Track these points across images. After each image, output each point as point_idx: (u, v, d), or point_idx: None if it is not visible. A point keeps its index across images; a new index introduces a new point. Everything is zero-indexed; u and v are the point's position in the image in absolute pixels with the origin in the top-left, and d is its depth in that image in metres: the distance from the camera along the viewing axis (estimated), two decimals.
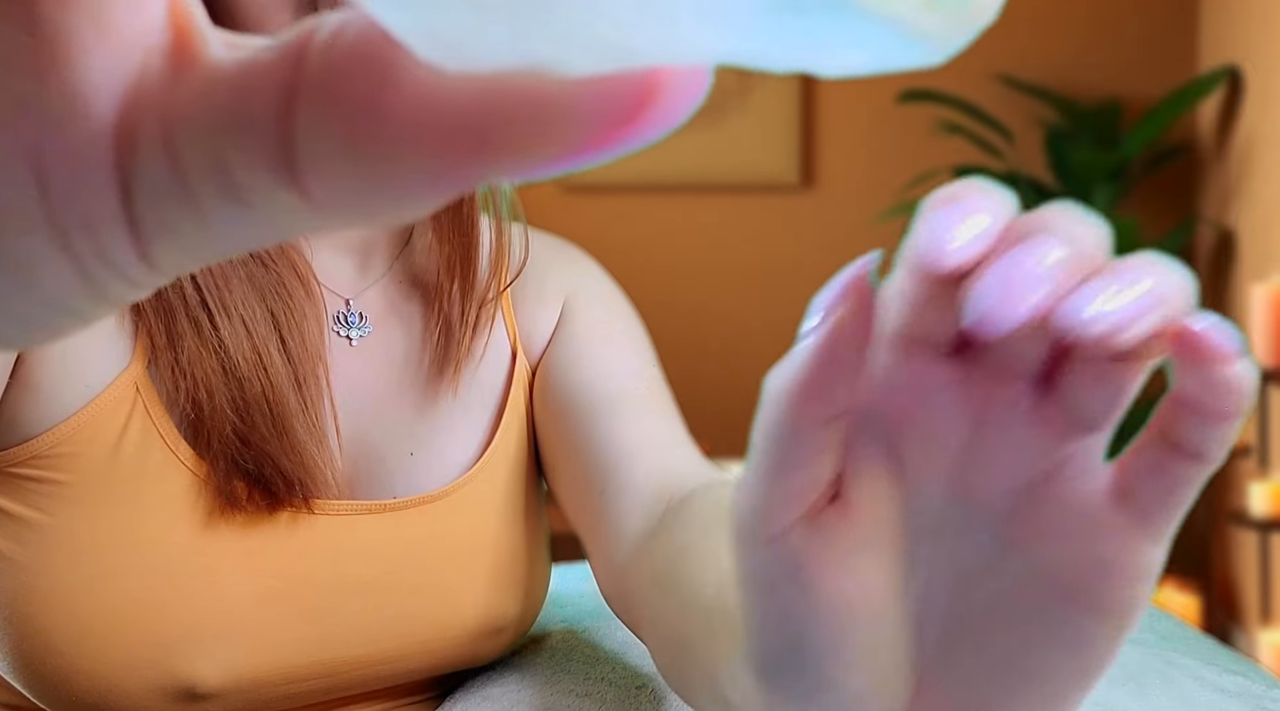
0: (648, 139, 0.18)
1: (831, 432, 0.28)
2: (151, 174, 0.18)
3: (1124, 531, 0.28)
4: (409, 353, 0.71)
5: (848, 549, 0.29)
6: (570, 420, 0.70)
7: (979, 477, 0.29)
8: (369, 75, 0.17)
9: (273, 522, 0.65)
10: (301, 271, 0.67)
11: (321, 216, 0.18)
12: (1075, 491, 0.28)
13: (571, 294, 0.76)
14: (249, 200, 0.18)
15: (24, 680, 0.62)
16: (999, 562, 0.29)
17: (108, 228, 0.19)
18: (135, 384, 0.63)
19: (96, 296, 0.20)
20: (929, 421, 0.29)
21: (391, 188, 0.17)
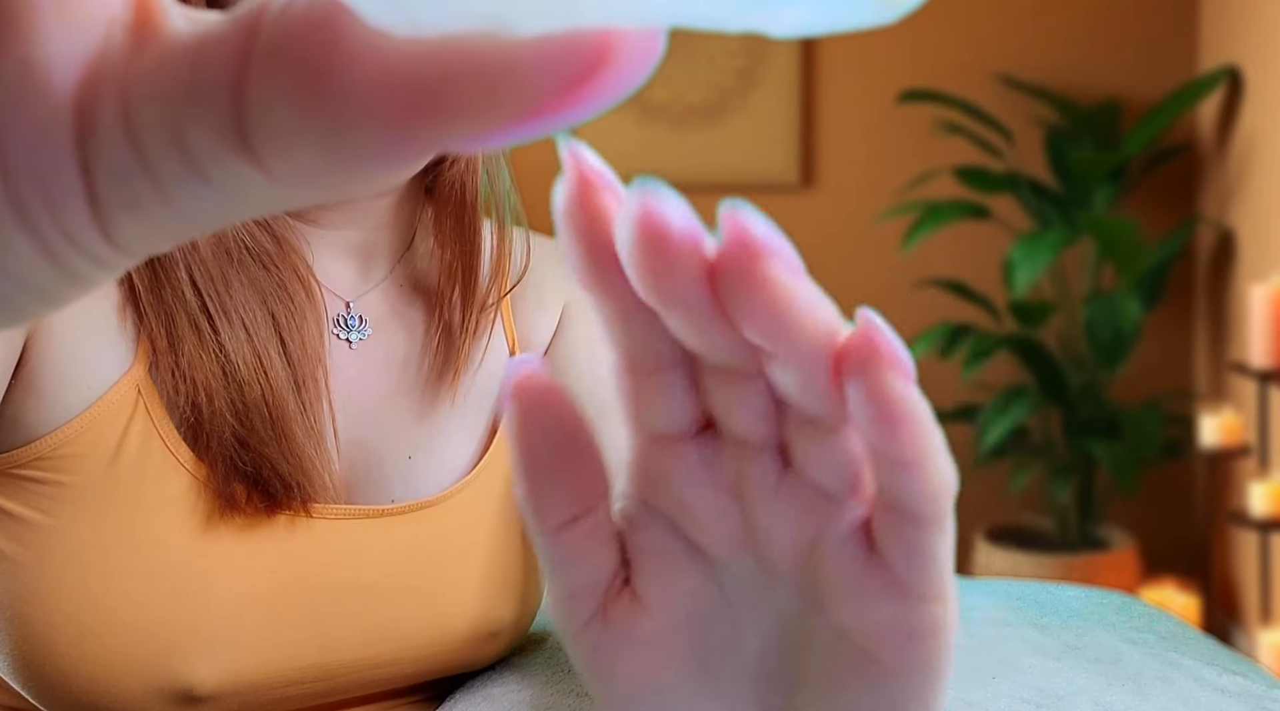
0: (600, 104, 0.17)
1: (581, 534, 0.28)
2: (111, 149, 0.18)
3: (885, 594, 0.27)
4: (409, 356, 0.71)
5: (641, 641, 0.29)
6: None
7: (765, 546, 0.28)
8: (319, 41, 0.16)
9: (271, 526, 0.64)
10: (302, 274, 0.67)
11: (281, 190, 0.18)
12: (836, 558, 0.27)
13: (571, 299, 0.76)
14: (208, 175, 0.18)
15: (23, 680, 0.62)
16: (810, 626, 0.29)
17: (69, 205, 0.19)
18: (137, 386, 0.63)
19: (65, 276, 0.20)
20: (697, 503, 0.28)
21: (346, 156, 0.17)
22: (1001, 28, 3.14)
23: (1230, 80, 2.86)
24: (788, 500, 0.27)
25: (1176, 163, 3.08)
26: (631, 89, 0.18)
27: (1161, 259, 2.87)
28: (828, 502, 0.27)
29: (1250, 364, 2.51)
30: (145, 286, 0.63)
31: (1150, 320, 2.99)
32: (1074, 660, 0.75)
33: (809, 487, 0.27)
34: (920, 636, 0.27)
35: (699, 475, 0.28)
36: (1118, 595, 0.91)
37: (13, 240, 0.19)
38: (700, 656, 0.29)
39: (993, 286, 2.98)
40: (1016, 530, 2.95)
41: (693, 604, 0.29)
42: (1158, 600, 2.67)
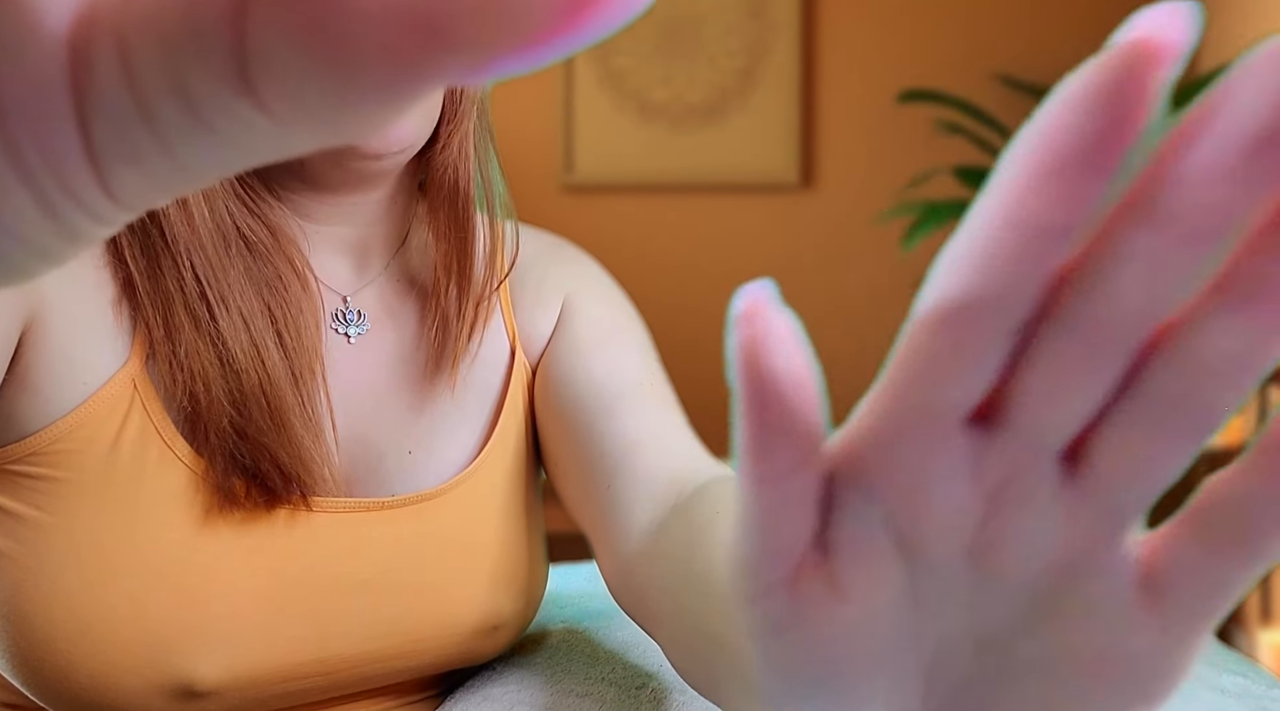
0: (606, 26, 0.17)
1: (793, 491, 0.24)
2: (109, 95, 0.18)
3: (1150, 632, 0.25)
4: (407, 350, 0.71)
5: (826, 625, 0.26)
6: (574, 418, 0.70)
7: (996, 557, 0.26)
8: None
9: (270, 520, 0.65)
10: (298, 267, 0.67)
11: (284, 133, 0.18)
12: (1099, 585, 0.25)
13: (571, 293, 0.76)
14: (208, 118, 0.17)
15: (23, 677, 0.62)
16: (1018, 637, 0.27)
17: (67, 155, 0.18)
18: (133, 381, 0.63)
19: (63, 232, 0.19)
20: (937, 499, 0.25)
21: (350, 93, 0.17)
22: (1001, 28, 3.14)
23: None
24: (1065, 510, 0.25)
25: None
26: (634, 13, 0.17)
27: None
28: (1106, 523, 0.24)
29: None
30: (143, 273, 0.63)
31: None
32: None
33: (1098, 501, 0.24)
34: (1169, 673, 0.26)
35: (959, 468, 0.24)
36: None
37: (10, 194, 0.19)
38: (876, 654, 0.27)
39: None
40: None
41: (888, 602, 0.26)
42: None
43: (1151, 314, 0.21)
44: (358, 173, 0.66)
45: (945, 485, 0.24)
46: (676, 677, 0.69)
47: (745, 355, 0.23)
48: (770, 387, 0.23)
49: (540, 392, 0.74)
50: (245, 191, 0.66)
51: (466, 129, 0.70)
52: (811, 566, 0.26)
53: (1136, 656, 0.25)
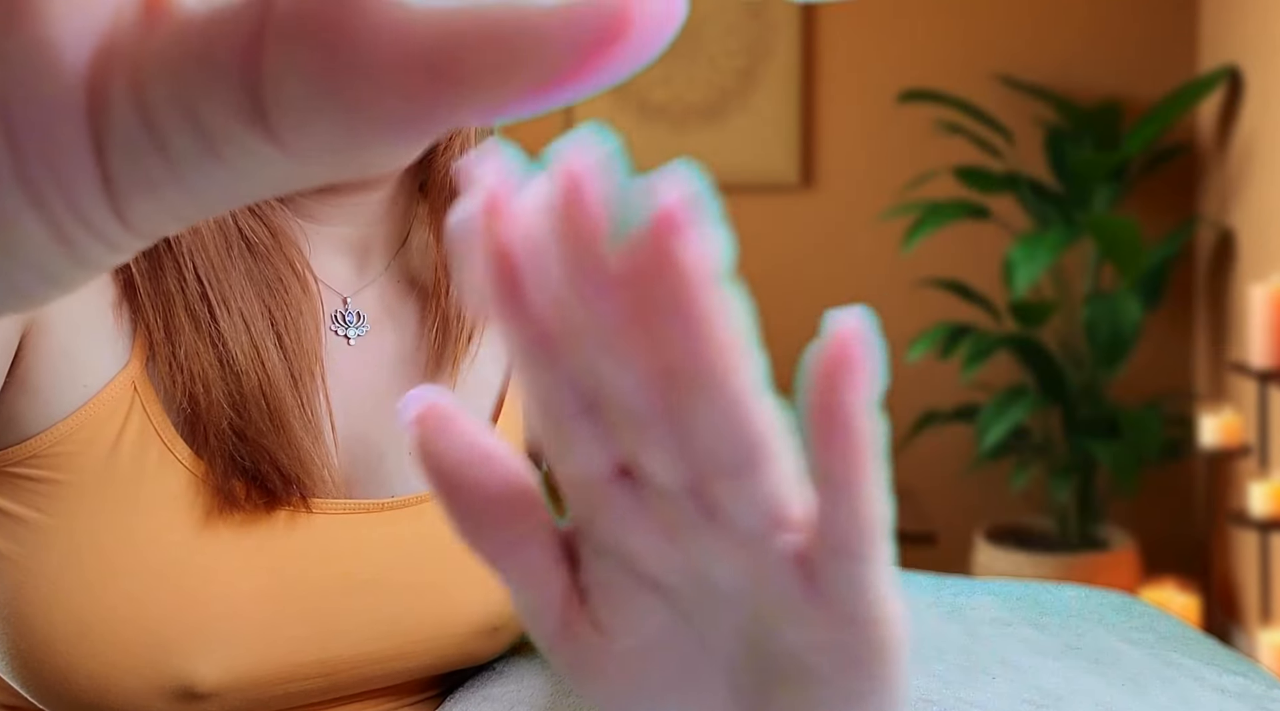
0: (619, 72, 0.17)
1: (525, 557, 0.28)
2: (124, 128, 0.18)
3: (826, 621, 0.27)
4: (407, 351, 0.71)
5: (611, 658, 0.29)
6: None
7: (701, 579, 0.28)
8: (335, 12, 0.16)
9: (270, 522, 0.64)
10: (299, 268, 0.67)
11: (296, 166, 0.18)
12: (776, 587, 0.27)
13: None
14: (222, 152, 0.18)
15: (22, 679, 0.62)
16: (767, 644, 0.28)
17: (82, 185, 0.18)
18: (133, 383, 0.63)
19: (75, 259, 0.20)
20: (635, 541, 0.28)
21: (364, 130, 0.17)
22: (1001, 28, 3.14)
23: (1230, 80, 2.86)
24: (718, 537, 0.27)
25: (1176, 163, 3.08)
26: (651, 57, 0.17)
27: (1161, 259, 2.87)
28: (758, 539, 0.26)
29: (1250, 364, 2.51)
30: (143, 274, 0.63)
31: (1150, 320, 2.99)
32: (1074, 660, 0.75)
33: (730, 526, 0.26)
34: (864, 660, 0.27)
35: (630, 516, 0.27)
36: (1118, 595, 0.91)
37: (24, 222, 0.19)
38: (673, 668, 0.29)
39: (993, 286, 2.98)
40: (1016, 530, 2.95)
41: (653, 627, 0.29)
42: (1158, 600, 2.67)
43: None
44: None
45: (630, 528, 0.27)
46: None
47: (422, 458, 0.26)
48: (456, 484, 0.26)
49: None
50: None
51: (470, 132, 0.70)
52: (576, 613, 0.29)
53: (824, 644, 0.27)
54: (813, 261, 3.21)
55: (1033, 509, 3.07)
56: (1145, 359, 3.05)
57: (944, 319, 2.97)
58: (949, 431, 3.02)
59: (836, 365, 0.24)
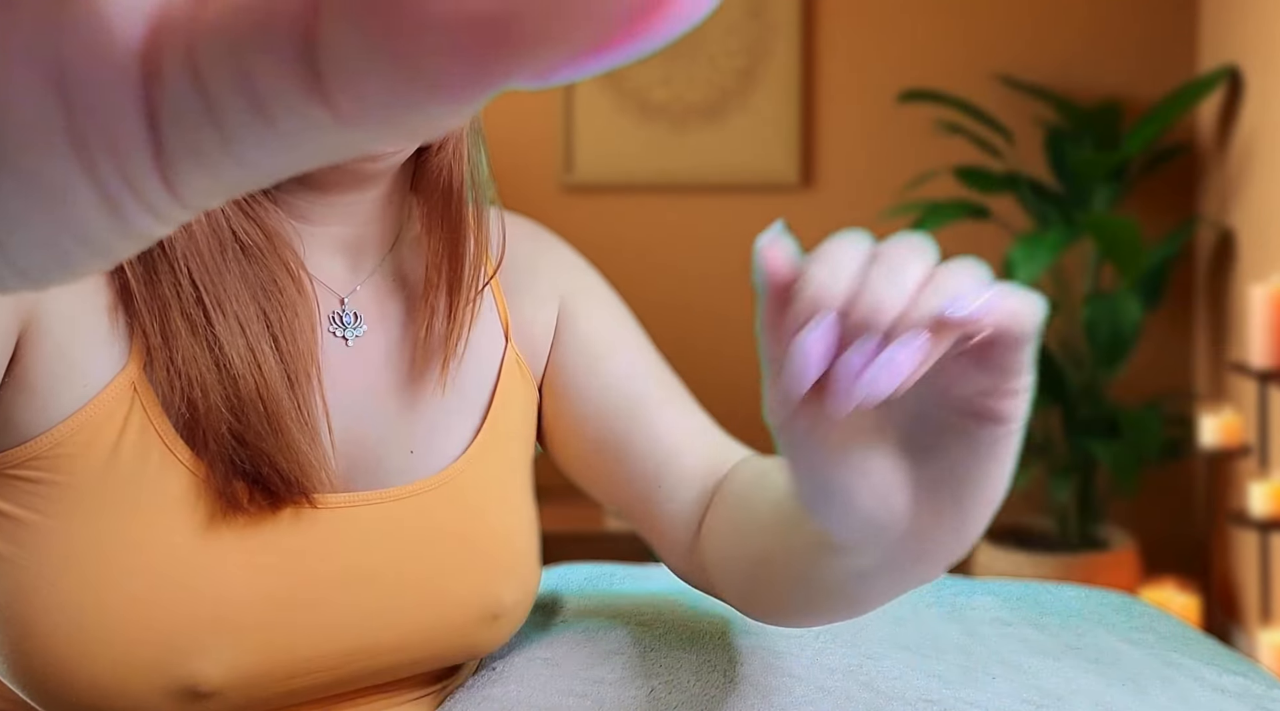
0: (672, 31, 0.17)
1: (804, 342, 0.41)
2: (177, 95, 0.18)
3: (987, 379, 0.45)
4: (401, 349, 0.71)
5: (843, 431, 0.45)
6: (602, 432, 0.74)
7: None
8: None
9: (274, 520, 0.65)
10: (294, 270, 0.67)
11: (347, 132, 0.18)
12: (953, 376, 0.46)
13: (566, 294, 0.77)
14: (275, 120, 0.18)
15: (23, 683, 0.62)
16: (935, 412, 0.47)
17: (133, 152, 0.19)
18: (132, 385, 0.63)
19: (121, 228, 0.20)
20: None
21: (419, 92, 0.17)
22: (1001, 28, 3.14)
23: (1230, 80, 2.86)
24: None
25: (1176, 163, 3.08)
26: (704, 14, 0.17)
27: (1161, 259, 2.87)
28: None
29: (1250, 364, 2.51)
30: (138, 278, 0.63)
31: (1150, 320, 2.99)
32: (1074, 660, 0.75)
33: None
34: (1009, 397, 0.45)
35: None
36: (1118, 595, 0.91)
37: (76, 189, 0.19)
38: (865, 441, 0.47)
39: None
40: (1016, 530, 2.95)
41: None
42: (1158, 600, 2.67)
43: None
44: (354, 173, 0.66)
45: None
46: (676, 678, 0.70)
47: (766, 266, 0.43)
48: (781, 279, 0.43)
49: (554, 400, 0.76)
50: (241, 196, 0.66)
51: (461, 131, 0.70)
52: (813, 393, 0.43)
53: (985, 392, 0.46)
54: None
55: (1033, 509, 3.07)
56: (1145, 359, 3.05)
57: None
58: None
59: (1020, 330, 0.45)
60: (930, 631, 0.77)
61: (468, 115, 0.18)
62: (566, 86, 3.17)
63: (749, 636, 0.75)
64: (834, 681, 0.69)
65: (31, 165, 0.19)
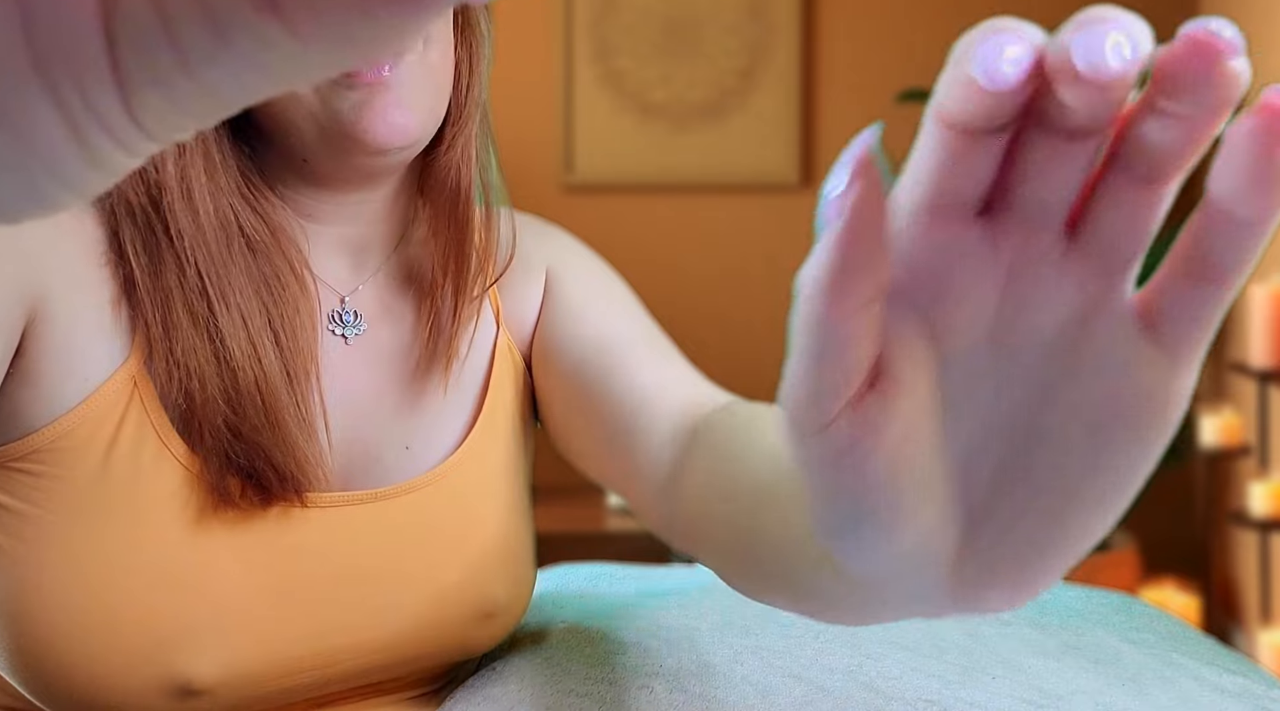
0: None
1: (865, 320, 0.27)
2: (135, 19, 0.18)
3: (1155, 364, 0.28)
4: (402, 349, 0.72)
5: (889, 429, 0.28)
6: (579, 379, 0.71)
7: (1016, 329, 0.29)
8: None
9: (265, 517, 0.65)
10: (297, 267, 0.67)
11: (306, 52, 0.18)
12: (1108, 330, 0.28)
13: (551, 264, 0.77)
14: (233, 40, 0.18)
15: (20, 676, 0.62)
16: (1041, 404, 0.30)
17: (94, 77, 0.19)
18: (133, 379, 0.63)
19: (91, 160, 0.20)
20: (962, 285, 0.28)
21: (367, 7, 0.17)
22: None
23: None
24: (1070, 273, 0.28)
25: None
26: None
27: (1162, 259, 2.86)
28: (1109, 274, 0.28)
29: (1250, 364, 2.51)
30: (144, 269, 0.63)
31: None
32: (1074, 660, 0.75)
33: (1096, 258, 0.28)
34: (1171, 404, 0.29)
35: (977, 252, 0.28)
36: (1118, 595, 0.91)
37: (40, 114, 0.19)
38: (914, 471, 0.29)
39: None
40: None
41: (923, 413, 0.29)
42: (1158, 600, 2.67)
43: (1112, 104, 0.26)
44: (361, 169, 0.66)
45: (967, 269, 0.28)
46: (676, 677, 0.69)
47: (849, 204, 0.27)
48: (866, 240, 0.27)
49: (540, 364, 0.75)
50: (249, 189, 0.66)
51: (470, 131, 0.70)
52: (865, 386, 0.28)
53: (1146, 388, 0.28)
54: None
55: None
56: None
57: None
58: None
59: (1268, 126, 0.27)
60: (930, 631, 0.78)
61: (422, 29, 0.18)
62: (566, 85, 3.18)
63: (749, 636, 0.75)
64: (834, 681, 0.69)
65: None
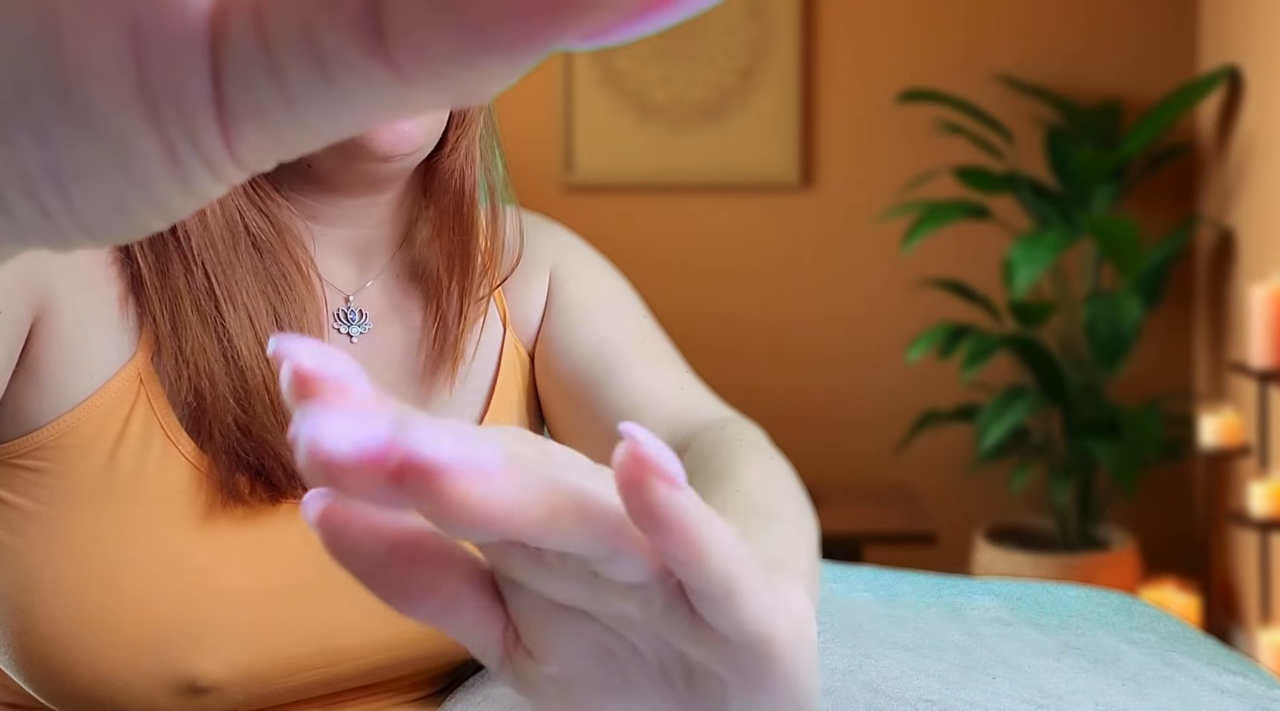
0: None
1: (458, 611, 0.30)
2: (242, 55, 0.19)
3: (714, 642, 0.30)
4: (408, 348, 0.72)
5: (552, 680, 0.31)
6: (577, 386, 0.72)
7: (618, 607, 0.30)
8: None
9: (273, 515, 0.65)
10: (303, 266, 0.67)
11: (405, 91, 0.19)
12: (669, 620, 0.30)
13: (555, 264, 0.77)
14: (336, 78, 0.18)
15: (25, 674, 0.62)
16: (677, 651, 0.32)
17: (198, 109, 0.19)
18: (139, 376, 0.63)
19: (182, 185, 0.21)
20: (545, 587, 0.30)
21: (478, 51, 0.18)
22: (1001, 28, 3.14)
23: (1230, 80, 2.86)
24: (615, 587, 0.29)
25: (1176, 163, 3.08)
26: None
27: (1161, 259, 2.87)
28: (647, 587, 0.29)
29: (1250, 364, 2.51)
30: (151, 269, 0.64)
31: (1150, 320, 2.99)
32: (1074, 660, 0.75)
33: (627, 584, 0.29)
34: (755, 668, 0.30)
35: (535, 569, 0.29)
36: (1118, 595, 0.91)
37: (142, 141, 0.20)
38: (609, 678, 0.32)
39: (993, 286, 2.98)
40: (1016, 530, 2.95)
41: (582, 645, 0.31)
42: (1158, 600, 2.67)
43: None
44: (367, 174, 0.66)
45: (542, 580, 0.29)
46: None
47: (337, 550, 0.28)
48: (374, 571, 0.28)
49: (541, 369, 0.76)
50: (254, 190, 0.66)
51: (474, 134, 0.71)
52: (513, 644, 0.31)
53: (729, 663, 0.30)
54: (813, 261, 3.21)
55: (1033, 509, 3.07)
56: (1145, 359, 3.05)
57: (944, 319, 2.97)
58: (949, 432, 3.02)
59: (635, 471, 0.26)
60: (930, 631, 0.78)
61: (519, 74, 0.19)
62: (566, 85, 3.18)
63: None
64: (834, 681, 0.69)
65: (103, 118, 0.20)
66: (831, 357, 3.19)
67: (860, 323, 3.18)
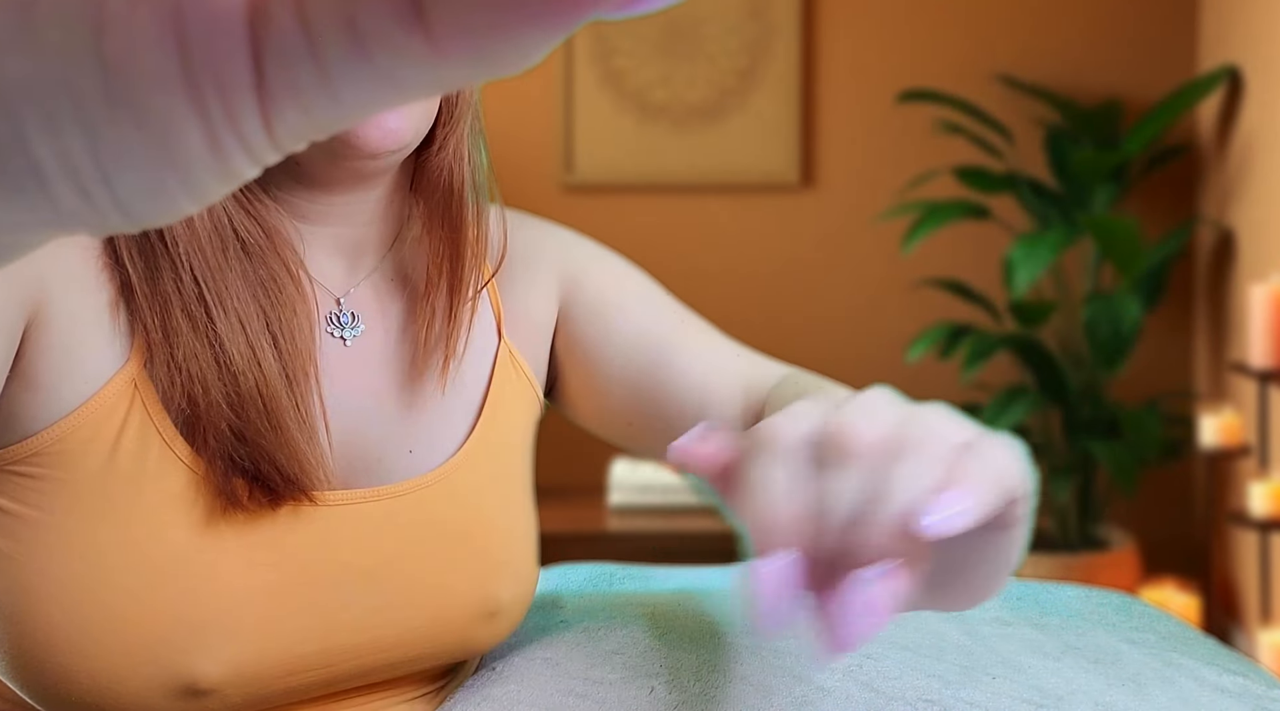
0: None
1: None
2: (282, 36, 0.19)
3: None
4: (400, 349, 0.72)
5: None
6: (632, 379, 0.75)
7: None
8: None
9: (272, 517, 0.65)
10: (293, 269, 0.67)
11: (442, 67, 0.19)
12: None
13: (565, 267, 0.77)
14: (374, 56, 0.19)
15: (23, 680, 0.62)
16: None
17: (239, 90, 0.20)
18: (133, 381, 0.63)
19: (220, 167, 0.21)
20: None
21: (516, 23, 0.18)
22: (1001, 28, 3.14)
23: (1230, 80, 2.86)
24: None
25: (1176, 163, 3.08)
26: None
27: (1161, 259, 2.87)
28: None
29: (1250, 364, 2.51)
30: (140, 276, 0.63)
31: (1150, 320, 2.99)
32: (1074, 660, 0.75)
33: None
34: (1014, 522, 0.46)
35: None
36: (1118, 595, 0.91)
37: (184, 124, 0.20)
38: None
39: (993, 286, 2.98)
40: None
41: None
42: (1158, 600, 2.67)
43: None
44: (353, 171, 0.66)
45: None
46: (676, 678, 0.69)
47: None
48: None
49: (579, 378, 0.76)
50: (242, 192, 0.66)
51: (462, 131, 0.70)
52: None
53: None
54: (813, 261, 3.21)
55: None
56: (1145, 359, 3.05)
57: (944, 319, 2.97)
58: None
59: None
60: (930, 631, 0.78)
61: (554, 46, 0.19)
62: (566, 85, 3.18)
63: (749, 636, 0.75)
64: (834, 681, 0.69)
65: (147, 102, 0.20)
66: (831, 357, 3.19)
67: (860, 323, 3.18)
